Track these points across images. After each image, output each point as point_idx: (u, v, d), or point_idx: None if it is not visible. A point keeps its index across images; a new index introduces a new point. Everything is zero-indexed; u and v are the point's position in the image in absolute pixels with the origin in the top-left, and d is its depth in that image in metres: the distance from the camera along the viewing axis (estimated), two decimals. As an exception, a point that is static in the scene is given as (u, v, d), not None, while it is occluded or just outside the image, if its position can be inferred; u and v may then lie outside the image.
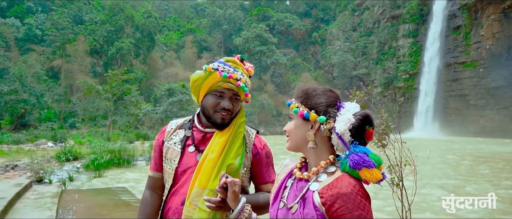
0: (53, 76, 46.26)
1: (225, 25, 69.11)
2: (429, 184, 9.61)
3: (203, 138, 1.53)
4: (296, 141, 1.13)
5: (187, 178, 1.48)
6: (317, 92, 1.12)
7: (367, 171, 0.97)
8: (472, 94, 43.29)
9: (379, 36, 59.49)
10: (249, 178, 1.59)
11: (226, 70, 1.48)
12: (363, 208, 0.95)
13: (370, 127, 1.04)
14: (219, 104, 1.48)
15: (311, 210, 1.00)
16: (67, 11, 53.69)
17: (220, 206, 1.23)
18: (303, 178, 1.10)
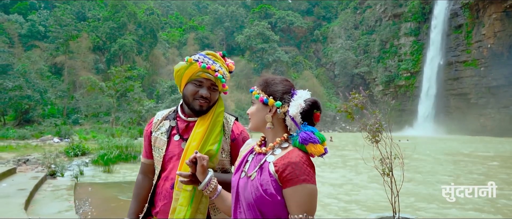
0: (56, 72, 46.50)
1: (227, 23, 69.22)
2: (418, 178, 9.95)
3: (186, 127, 1.70)
4: (257, 122, 1.34)
5: (174, 165, 1.65)
6: (275, 81, 1.34)
7: (312, 146, 1.19)
8: (473, 93, 43.46)
9: (381, 34, 59.60)
10: (230, 161, 1.74)
11: (205, 61, 1.65)
12: (307, 174, 1.16)
13: (317, 111, 1.28)
14: (198, 92, 1.64)
15: (267, 177, 1.20)
16: (70, 7, 53.89)
17: (191, 180, 1.41)
18: (261, 152, 1.31)
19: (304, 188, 1.14)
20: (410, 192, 7.90)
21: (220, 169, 1.69)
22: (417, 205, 6.97)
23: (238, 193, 1.28)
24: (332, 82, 66.53)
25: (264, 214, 1.19)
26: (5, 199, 4.77)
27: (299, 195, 1.14)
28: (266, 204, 1.18)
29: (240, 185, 1.28)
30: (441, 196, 7.32)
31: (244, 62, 60.12)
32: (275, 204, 1.17)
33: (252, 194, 1.21)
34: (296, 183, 1.15)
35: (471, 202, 7.05)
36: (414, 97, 52.24)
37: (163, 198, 1.65)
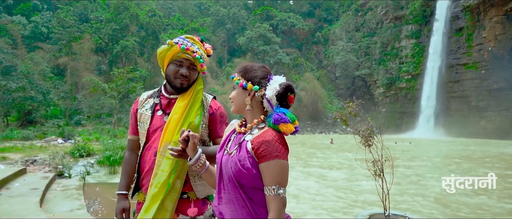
0: (59, 73, 46.77)
1: (229, 24, 69.42)
2: (408, 178, 10.17)
3: (168, 103, 1.88)
4: (238, 105, 1.49)
5: (157, 136, 1.83)
6: (253, 68, 1.47)
7: (284, 126, 1.34)
8: (473, 96, 43.58)
9: (382, 36, 59.74)
10: (208, 134, 1.92)
11: (184, 44, 1.83)
12: (279, 151, 1.32)
13: (291, 94, 1.42)
14: (179, 71, 1.83)
15: (244, 153, 1.36)
16: (72, 9, 54.20)
17: (181, 154, 1.56)
18: (241, 132, 1.47)
19: (276, 163, 1.31)
20: (408, 192, 8.12)
21: (199, 140, 1.84)
22: (410, 202, 7.17)
23: (221, 168, 1.44)
24: (333, 84, 66.66)
25: (243, 185, 1.35)
26: (21, 197, 4.98)
27: (272, 169, 1.31)
28: (244, 177, 1.34)
29: (223, 161, 1.44)
30: (432, 194, 7.53)
31: (246, 64, 60.31)
32: (251, 176, 1.33)
33: (232, 168, 1.37)
34: (269, 158, 1.31)
35: (465, 203, 7.23)
36: (415, 100, 52.37)
37: (147, 165, 1.82)
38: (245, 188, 1.36)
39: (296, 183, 9.39)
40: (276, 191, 1.30)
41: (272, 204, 1.30)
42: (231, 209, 1.37)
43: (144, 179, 1.83)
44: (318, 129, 56.36)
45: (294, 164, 13.95)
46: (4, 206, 4.39)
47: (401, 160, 15.98)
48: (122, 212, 1.88)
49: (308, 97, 57.67)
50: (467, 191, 7.92)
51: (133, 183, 1.91)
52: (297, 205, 6.94)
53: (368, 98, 61.91)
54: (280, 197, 1.31)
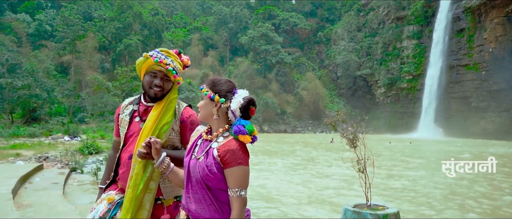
0: (62, 71, 47.20)
1: (231, 24, 69.64)
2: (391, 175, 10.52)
3: (145, 110, 2.04)
4: (205, 114, 1.67)
5: (133, 140, 1.98)
6: (220, 82, 1.65)
7: (242, 137, 1.53)
8: (474, 96, 43.81)
9: (384, 37, 59.91)
10: (180, 140, 2.07)
11: (158, 57, 1.97)
12: (242, 158, 1.52)
13: (253, 107, 1.62)
14: (153, 82, 1.98)
15: (211, 160, 1.55)
16: (76, 7, 54.59)
17: (145, 157, 1.76)
18: (208, 139, 1.64)
19: (239, 168, 1.52)
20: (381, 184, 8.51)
21: (171, 146, 2.03)
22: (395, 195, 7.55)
23: (189, 171, 1.62)
24: (334, 84, 66.90)
25: (210, 187, 1.55)
26: (45, 191, 5.38)
27: (235, 174, 1.52)
28: (210, 180, 1.54)
29: (190, 165, 1.62)
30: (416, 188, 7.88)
31: (248, 63, 60.57)
32: (217, 180, 1.54)
33: (200, 172, 1.56)
34: (233, 165, 1.52)
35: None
36: (416, 100, 52.62)
37: (122, 166, 2.01)
38: (212, 189, 1.56)
39: (297, 181, 9.80)
40: (239, 192, 1.51)
41: (235, 204, 1.51)
42: (199, 207, 1.57)
43: (120, 179, 2.02)
44: (319, 128, 56.67)
45: (294, 163, 14.33)
46: (32, 198, 4.79)
47: (399, 159, 16.33)
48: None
49: (310, 96, 57.95)
50: (450, 187, 8.31)
51: (109, 180, 2.09)
52: (292, 199, 7.33)
53: (369, 98, 62.17)
54: (242, 197, 1.52)
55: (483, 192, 8.69)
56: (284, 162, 14.70)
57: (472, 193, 8.47)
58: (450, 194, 7.89)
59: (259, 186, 9.06)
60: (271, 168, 12.56)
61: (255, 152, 20.14)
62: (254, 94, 58.04)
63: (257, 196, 7.83)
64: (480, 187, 9.36)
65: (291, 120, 57.83)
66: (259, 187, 8.91)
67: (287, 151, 20.47)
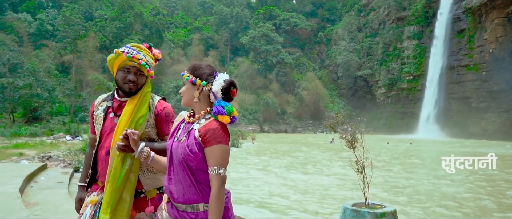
0: (63, 71, 47.33)
1: (232, 24, 69.71)
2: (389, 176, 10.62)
3: (119, 106, 2.04)
4: (187, 98, 1.70)
5: (109, 136, 1.98)
6: (201, 66, 1.69)
7: (221, 117, 1.57)
8: (474, 97, 43.90)
9: (384, 37, 60.02)
10: (156, 132, 2.08)
11: (130, 52, 1.97)
12: (222, 137, 1.55)
13: (233, 88, 1.66)
14: (126, 77, 1.98)
15: (192, 140, 1.58)
16: (77, 7, 54.72)
17: (124, 149, 1.75)
18: (190, 122, 1.68)
19: (219, 147, 1.55)
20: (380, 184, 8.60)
21: (147, 138, 2.03)
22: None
23: (172, 153, 1.65)
24: (335, 84, 67.00)
25: (190, 168, 1.58)
26: (50, 190, 5.47)
27: (215, 152, 1.55)
28: (191, 160, 1.57)
29: (173, 147, 1.65)
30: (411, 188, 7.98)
31: (248, 63, 60.67)
32: (198, 159, 1.57)
33: (181, 153, 1.59)
34: (213, 143, 1.55)
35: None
36: (416, 100, 52.72)
37: (101, 163, 2.00)
38: (193, 170, 1.58)
39: (297, 178, 9.91)
40: (218, 170, 1.54)
41: (214, 181, 1.54)
42: (179, 188, 1.60)
43: (99, 176, 2.02)
44: (319, 129, 56.75)
45: (294, 162, 14.44)
46: (39, 197, 4.89)
47: (397, 159, 16.42)
48: (80, 202, 2.11)
49: (310, 96, 58.03)
50: (441, 188, 8.39)
51: (88, 178, 2.08)
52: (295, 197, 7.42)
53: (369, 98, 62.27)
54: (220, 175, 1.55)
55: (483, 192, 8.79)
56: (285, 161, 14.81)
57: (470, 193, 8.58)
58: (450, 194, 8.00)
59: (259, 185, 9.15)
60: (272, 168, 12.67)
61: (257, 152, 20.25)
62: (255, 94, 58.15)
63: (258, 196, 7.92)
64: (480, 187, 9.47)
65: (292, 120, 57.91)
66: (260, 186, 9.00)
67: (288, 151, 20.58)
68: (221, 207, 1.54)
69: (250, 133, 39.34)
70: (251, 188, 8.80)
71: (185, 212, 1.59)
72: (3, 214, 3.80)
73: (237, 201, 7.02)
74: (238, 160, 15.19)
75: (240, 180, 9.99)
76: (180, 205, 1.60)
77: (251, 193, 8.13)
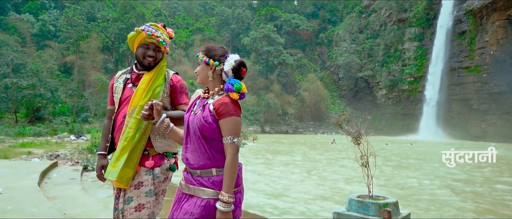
0: (65, 71, 47.52)
1: (234, 25, 69.90)
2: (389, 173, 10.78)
3: (137, 77, 2.27)
4: (202, 77, 1.88)
5: (127, 102, 2.21)
6: (214, 48, 1.86)
7: (231, 94, 1.74)
8: (475, 99, 44.04)
9: (385, 38, 60.14)
10: (170, 102, 2.30)
11: (149, 30, 2.20)
12: (234, 110, 1.73)
13: (243, 68, 1.83)
14: (146, 53, 2.22)
15: (207, 112, 1.76)
16: (80, 8, 54.93)
17: (147, 117, 1.93)
18: (205, 97, 1.86)
19: (232, 119, 1.73)
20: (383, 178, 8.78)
21: (161, 107, 2.15)
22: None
23: (189, 125, 1.83)
24: (336, 85, 67.13)
25: (205, 137, 1.75)
26: (65, 185, 5.68)
27: (229, 123, 1.73)
28: (206, 129, 1.75)
29: (190, 120, 1.83)
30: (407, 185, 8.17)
31: (250, 64, 60.74)
32: (212, 129, 1.74)
33: (197, 124, 1.77)
34: (226, 116, 1.73)
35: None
36: (417, 102, 52.84)
37: (117, 129, 2.22)
38: (207, 139, 1.76)
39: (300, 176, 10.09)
40: (232, 139, 1.72)
41: (229, 150, 1.72)
42: (194, 155, 1.78)
43: (115, 137, 2.23)
44: (320, 130, 56.89)
45: (299, 161, 14.62)
46: (55, 192, 5.09)
47: (396, 160, 16.58)
48: (101, 168, 2.29)
49: (311, 97, 58.17)
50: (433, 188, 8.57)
51: (108, 142, 2.30)
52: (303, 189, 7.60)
53: (370, 99, 62.40)
54: (235, 144, 1.73)
55: (479, 188, 8.94)
56: (289, 160, 14.98)
57: (470, 188, 8.74)
58: (450, 194, 8.16)
59: (268, 183, 9.32)
60: (278, 167, 12.84)
61: (260, 151, 20.41)
62: (256, 95, 58.33)
63: (265, 193, 8.09)
64: (479, 186, 9.62)
65: (293, 121, 58.04)
66: (268, 184, 9.17)
67: (290, 151, 20.75)
68: (235, 172, 1.71)
69: (252, 134, 39.51)
70: (261, 185, 8.98)
71: (200, 177, 1.77)
72: (29, 206, 4.04)
73: (250, 197, 7.18)
74: (244, 159, 15.33)
75: (253, 176, 10.15)
76: (195, 170, 1.78)
77: (257, 191, 8.30)
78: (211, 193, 1.72)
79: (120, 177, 2.03)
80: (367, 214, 2.64)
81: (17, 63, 34.17)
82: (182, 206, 1.78)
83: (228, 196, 1.67)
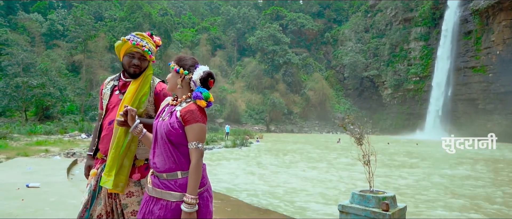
0: (73, 70, 48.15)
1: (239, 24, 70.13)
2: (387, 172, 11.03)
3: (124, 85, 2.36)
4: (172, 84, 1.98)
5: (113, 109, 2.30)
6: (185, 58, 1.96)
7: (199, 101, 1.84)
8: (480, 99, 44.00)
9: (391, 38, 60.10)
10: (154, 110, 2.37)
11: (135, 40, 2.29)
12: (200, 117, 1.83)
13: (211, 79, 1.92)
14: (131, 61, 2.30)
15: (174, 119, 1.85)
16: (87, 7, 55.58)
17: (123, 124, 2.05)
18: (173, 104, 1.95)
19: (197, 125, 1.84)
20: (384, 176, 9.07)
21: (146, 114, 2.34)
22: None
23: (156, 131, 1.93)
24: (341, 85, 67.22)
25: (171, 141, 1.85)
26: (88, 181, 6.03)
27: (194, 130, 1.83)
28: (173, 135, 1.84)
29: (158, 125, 1.93)
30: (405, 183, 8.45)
31: (255, 63, 61.10)
32: (178, 135, 1.84)
33: (164, 129, 1.86)
34: (192, 122, 1.83)
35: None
36: (422, 101, 52.83)
37: (104, 131, 2.31)
38: (173, 143, 1.85)
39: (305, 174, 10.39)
40: (197, 145, 1.83)
41: (194, 154, 1.83)
42: (161, 159, 1.87)
43: (100, 142, 2.32)
44: (325, 129, 57.08)
45: (306, 160, 14.91)
46: (83, 186, 5.44)
47: (398, 159, 16.81)
48: (88, 168, 2.41)
49: (316, 97, 58.36)
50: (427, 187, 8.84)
51: (95, 146, 2.39)
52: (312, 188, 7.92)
53: (376, 98, 62.44)
54: (199, 149, 1.83)
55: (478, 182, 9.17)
56: (296, 158, 15.26)
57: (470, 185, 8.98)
58: (451, 193, 8.43)
59: (280, 183, 9.63)
60: (283, 165, 13.13)
61: (269, 150, 20.72)
62: (261, 94, 58.63)
63: (274, 190, 8.41)
64: (478, 182, 9.84)
65: (298, 120, 58.28)
66: (281, 184, 9.48)
67: (298, 150, 21.03)
68: (199, 175, 1.82)
69: (257, 133, 39.81)
70: (266, 182, 9.30)
71: (166, 180, 1.86)
72: (69, 198, 4.42)
73: (259, 193, 7.50)
74: (247, 158, 15.65)
75: (260, 175, 10.47)
76: (161, 174, 1.88)
77: (267, 186, 8.62)
78: (179, 195, 1.82)
79: (115, 185, 2.14)
80: (368, 206, 2.97)
81: (27, 63, 34.77)
82: (151, 209, 1.87)
83: (192, 197, 1.78)
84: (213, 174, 10.38)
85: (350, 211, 3.02)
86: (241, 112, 54.32)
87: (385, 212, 2.82)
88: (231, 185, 8.71)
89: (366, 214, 2.90)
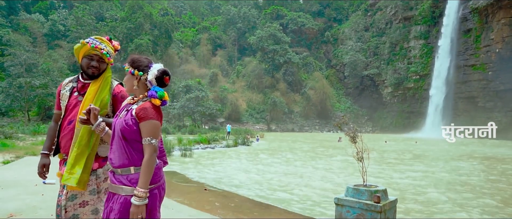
0: (75, 70, 48.35)
1: (240, 23, 70.40)
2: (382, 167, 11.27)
3: (82, 87, 2.44)
4: (129, 86, 2.04)
5: (72, 110, 2.37)
6: (139, 59, 2.01)
7: (153, 100, 1.91)
8: (480, 96, 44.23)
9: (391, 37, 60.33)
10: (112, 110, 2.44)
11: (93, 43, 2.37)
12: (153, 115, 1.88)
13: (166, 76, 1.98)
14: (90, 63, 2.37)
15: (129, 116, 1.92)
16: (88, 8, 55.83)
17: (86, 122, 2.11)
18: (131, 103, 2.03)
19: (150, 122, 1.90)
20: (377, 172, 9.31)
21: (106, 115, 2.41)
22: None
23: (114, 128, 1.99)
24: (341, 83, 67.49)
25: (126, 138, 1.91)
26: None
27: (147, 126, 1.89)
28: (126, 131, 1.91)
29: (116, 123, 1.99)
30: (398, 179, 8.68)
31: (256, 63, 61.36)
32: (132, 131, 1.90)
33: (120, 126, 1.93)
34: (146, 119, 1.89)
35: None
36: (422, 100, 53.07)
37: (63, 131, 2.39)
38: (128, 140, 1.92)
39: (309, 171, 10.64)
40: (150, 141, 1.88)
41: (147, 150, 1.88)
42: (115, 155, 1.93)
43: (61, 142, 2.39)
44: (326, 128, 57.33)
45: (305, 157, 15.16)
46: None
47: (393, 157, 17.06)
48: (43, 167, 2.43)
49: (317, 96, 58.61)
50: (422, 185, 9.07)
51: (54, 145, 2.45)
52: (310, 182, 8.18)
53: (376, 97, 62.69)
54: (152, 145, 1.89)
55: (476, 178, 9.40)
56: (295, 157, 15.52)
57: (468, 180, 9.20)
58: (449, 190, 8.68)
59: (277, 177, 9.88)
60: (287, 162, 13.39)
61: (269, 150, 20.96)
62: (262, 94, 58.91)
63: (274, 186, 8.66)
64: (476, 176, 10.07)
65: (299, 119, 58.54)
66: (279, 178, 9.73)
67: (299, 148, 21.27)
68: (151, 170, 1.88)
69: (258, 132, 40.05)
70: (269, 179, 9.55)
71: (120, 175, 1.92)
72: None
73: (264, 191, 7.74)
74: (248, 156, 15.89)
75: (261, 172, 10.73)
76: (117, 169, 1.94)
77: (270, 184, 8.87)
78: (129, 190, 1.87)
79: (79, 182, 2.22)
80: (361, 198, 3.22)
81: (29, 63, 35.05)
82: (109, 204, 1.94)
83: (142, 191, 1.82)
84: (215, 172, 10.64)
85: (345, 203, 3.27)
86: (242, 111, 54.59)
87: (377, 204, 3.07)
88: (233, 182, 8.97)
89: (359, 206, 3.15)
